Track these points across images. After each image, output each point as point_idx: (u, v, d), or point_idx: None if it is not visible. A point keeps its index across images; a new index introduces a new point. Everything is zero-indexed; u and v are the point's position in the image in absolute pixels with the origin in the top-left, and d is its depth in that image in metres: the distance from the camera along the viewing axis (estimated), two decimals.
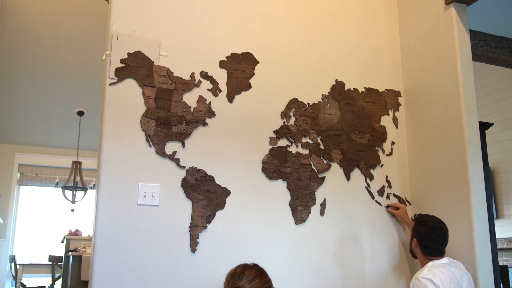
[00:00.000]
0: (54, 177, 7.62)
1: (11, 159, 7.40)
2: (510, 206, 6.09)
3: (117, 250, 2.23)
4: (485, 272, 2.46)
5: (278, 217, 2.59)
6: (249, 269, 2.00)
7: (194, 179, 2.45)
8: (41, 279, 6.92)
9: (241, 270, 1.99)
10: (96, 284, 2.17)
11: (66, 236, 5.41)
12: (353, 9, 3.11)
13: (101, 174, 2.29)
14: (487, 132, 3.18)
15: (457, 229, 2.58)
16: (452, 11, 2.76)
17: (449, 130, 2.70)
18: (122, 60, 2.42)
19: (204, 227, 2.42)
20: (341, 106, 2.90)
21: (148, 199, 2.33)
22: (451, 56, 2.73)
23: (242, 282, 1.94)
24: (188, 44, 2.59)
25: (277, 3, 2.88)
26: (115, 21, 2.46)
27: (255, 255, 2.49)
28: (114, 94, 2.39)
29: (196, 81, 2.56)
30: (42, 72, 6.31)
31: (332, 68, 2.94)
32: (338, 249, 2.70)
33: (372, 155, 2.91)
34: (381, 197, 2.88)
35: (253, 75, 2.71)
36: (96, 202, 2.27)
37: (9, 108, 6.75)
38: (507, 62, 3.41)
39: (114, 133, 2.35)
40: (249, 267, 2.02)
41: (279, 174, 2.64)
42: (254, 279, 1.96)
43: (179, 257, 2.34)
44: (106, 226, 2.24)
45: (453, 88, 2.69)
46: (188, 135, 2.48)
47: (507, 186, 6.10)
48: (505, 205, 6.14)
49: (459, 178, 2.61)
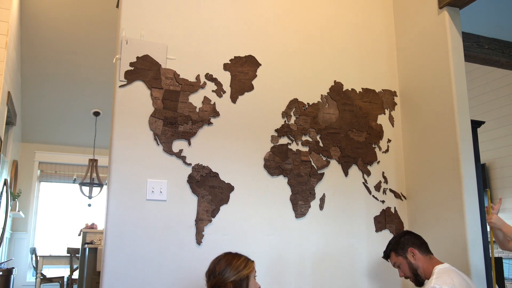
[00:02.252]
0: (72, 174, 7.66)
1: (32, 157, 7.45)
2: (504, 200, 6.04)
3: (127, 242, 2.24)
4: (477, 264, 2.45)
5: (280, 211, 2.60)
6: (219, 263, 1.93)
7: (200, 175, 2.45)
8: (60, 270, 6.96)
9: (212, 266, 1.94)
10: (107, 274, 2.19)
11: (83, 229, 5.43)
12: (351, 14, 3.10)
13: (111, 171, 2.30)
14: (482, 130, 3.16)
15: (450, 222, 2.57)
16: (445, 14, 2.74)
17: (443, 128, 2.68)
18: (131, 63, 2.44)
19: (209, 220, 2.42)
20: (339, 106, 2.89)
21: (156, 194, 2.35)
22: (444, 57, 2.71)
23: (216, 279, 1.90)
24: (193, 48, 2.60)
25: (277, 9, 2.88)
26: (124, 27, 2.47)
27: (257, 248, 2.50)
28: (124, 96, 2.40)
29: (201, 83, 2.57)
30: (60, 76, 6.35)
31: (330, 69, 2.93)
32: (336, 241, 2.69)
33: (369, 152, 2.90)
34: (377, 192, 2.87)
35: (255, 77, 2.71)
36: (107, 197, 2.28)
37: (30, 110, 6.81)
38: (499, 62, 3.38)
39: (124, 132, 2.36)
40: (218, 260, 1.95)
41: (280, 170, 2.64)
42: (226, 267, 1.89)
43: (186, 249, 2.35)
44: (117, 220, 2.25)
45: (446, 88, 2.68)
46: (193, 134, 2.49)
47: (502, 181, 6.06)
48: None
49: (452, 174, 2.59)
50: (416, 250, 2.24)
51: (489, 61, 3.36)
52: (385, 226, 2.84)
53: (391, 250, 2.31)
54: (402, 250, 2.26)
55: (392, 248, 2.30)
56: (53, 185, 7.72)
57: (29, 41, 5.82)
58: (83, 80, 6.44)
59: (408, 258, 2.24)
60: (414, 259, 2.23)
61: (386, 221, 2.85)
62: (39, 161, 7.52)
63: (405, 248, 2.25)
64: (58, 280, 6.22)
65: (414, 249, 2.24)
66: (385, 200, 2.88)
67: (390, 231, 2.85)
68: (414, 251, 2.24)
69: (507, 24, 3.41)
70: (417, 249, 2.24)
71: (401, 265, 2.27)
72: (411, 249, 2.24)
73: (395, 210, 2.89)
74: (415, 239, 2.29)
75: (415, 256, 2.23)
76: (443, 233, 2.60)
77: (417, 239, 2.29)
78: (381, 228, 2.83)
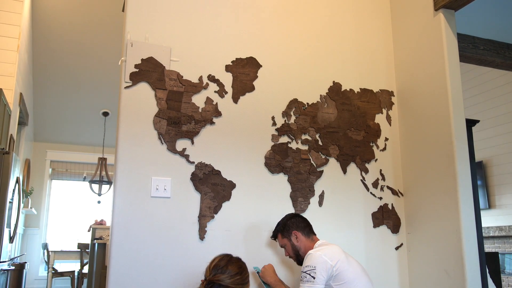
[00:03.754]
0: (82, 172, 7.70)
1: (44, 156, 7.50)
2: (501, 196, 6.02)
3: (132, 238, 2.26)
4: (471, 259, 2.44)
5: (280, 208, 2.60)
6: (232, 264, 1.93)
7: (202, 173, 2.46)
8: (71, 264, 7.01)
9: (225, 263, 1.92)
10: (113, 268, 2.20)
11: (92, 225, 5.47)
12: (349, 16, 3.09)
13: (117, 169, 2.31)
14: (479, 129, 3.16)
15: (445, 218, 2.56)
16: (440, 16, 2.73)
17: (438, 127, 2.68)
18: (136, 65, 2.45)
19: (212, 217, 2.43)
20: (338, 106, 2.89)
21: (160, 191, 2.36)
22: (440, 58, 2.70)
23: (223, 276, 1.87)
24: (196, 50, 2.61)
25: (278, 12, 2.88)
26: (129, 30, 2.48)
27: (258, 243, 2.50)
28: (129, 97, 2.41)
29: (204, 83, 2.57)
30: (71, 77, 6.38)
31: (329, 70, 2.93)
32: (335, 236, 2.69)
33: (367, 150, 2.90)
34: (375, 189, 2.87)
35: (256, 78, 2.71)
36: (114, 195, 2.29)
37: (42, 111, 6.85)
38: (494, 63, 3.37)
39: (129, 132, 2.37)
40: (233, 261, 1.95)
41: (281, 168, 2.64)
42: (235, 276, 1.89)
43: (189, 244, 2.36)
44: (122, 217, 2.27)
45: (442, 88, 2.67)
46: (196, 133, 2.50)
47: (498, 178, 6.04)
48: (496, 195, 6.07)
49: (447, 171, 2.58)
50: (300, 233, 2.30)
51: (484, 62, 3.35)
52: (383, 222, 2.84)
53: (278, 232, 2.37)
54: (287, 233, 2.32)
55: (279, 230, 2.36)
56: (64, 183, 7.76)
57: (40, 44, 5.85)
58: (92, 81, 6.47)
59: (292, 240, 2.31)
60: (297, 241, 2.30)
61: (383, 217, 2.85)
62: (50, 159, 7.57)
63: (290, 231, 2.31)
64: (69, 274, 6.26)
65: (298, 232, 2.30)
66: (382, 197, 2.88)
67: (388, 226, 2.84)
68: (298, 233, 2.30)
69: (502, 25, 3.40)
70: (300, 231, 2.31)
71: (286, 246, 2.34)
72: (295, 232, 2.30)
73: (392, 207, 2.89)
74: (300, 222, 2.34)
75: (298, 239, 2.30)
76: (439, 229, 2.60)
77: (301, 223, 2.34)
78: (378, 224, 2.83)
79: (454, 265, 2.47)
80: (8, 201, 3.65)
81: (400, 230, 2.87)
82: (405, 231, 2.88)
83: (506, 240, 5.89)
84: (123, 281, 2.20)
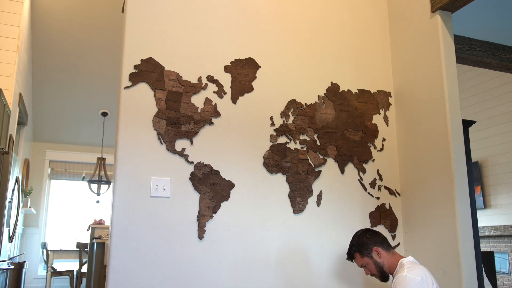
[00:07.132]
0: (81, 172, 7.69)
1: (43, 156, 7.48)
2: (496, 196, 6.04)
3: (132, 237, 2.25)
4: (467, 258, 2.44)
5: (278, 207, 2.60)
6: None
7: (202, 173, 2.46)
8: (70, 264, 6.99)
9: None
10: (113, 268, 2.19)
11: (91, 225, 5.46)
12: (347, 17, 3.09)
13: (117, 169, 2.31)
14: (475, 129, 3.16)
15: (442, 218, 2.57)
16: (437, 18, 2.73)
17: (435, 128, 2.68)
18: (135, 66, 2.44)
19: (211, 216, 2.43)
20: (336, 106, 2.89)
21: (159, 191, 2.35)
22: (437, 59, 2.70)
23: None
24: (195, 51, 2.60)
25: (276, 13, 2.88)
26: (129, 30, 2.47)
27: (256, 242, 2.50)
28: (128, 97, 2.41)
29: (203, 84, 2.57)
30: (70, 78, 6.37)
31: (327, 71, 2.93)
32: (333, 236, 2.70)
33: (364, 150, 2.90)
34: (372, 189, 2.87)
35: (255, 79, 2.71)
36: (113, 194, 2.29)
37: (41, 110, 6.83)
38: (490, 64, 3.37)
39: (129, 132, 2.37)
40: None
41: (279, 168, 2.64)
42: None
43: (188, 244, 2.36)
44: (122, 216, 2.26)
45: (438, 89, 2.67)
46: (195, 133, 2.49)
47: (494, 178, 6.05)
48: (492, 195, 6.08)
49: (444, 172, 2.59)
50: (380, 248, 2.20)
51: (481, 63, 3.35)
52: (380, 222, 2.84)
53: (355, 252, 2.24)
54: (367, 250, 2.20)
55: (356, 249, 2.24)
56: (63, 183, 7.75)
57: (39, 45, 5.84)
58: (92, 82, 6.46)
59: (374, 257, 2.19)
60: (379, 257, 2.19)
61: (381, 217, 2.85)
62: (49, 159, 7.55)
63: (369, 248, 2.20)
64: (68, 273, 6.25)
65: (378, 248, 2.20)
66: (380, 197, 2.88)
67: (385, 226, 2.85)
68: (379, 249, 2.19)
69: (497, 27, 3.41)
70: (380, 246, 2.20)
71: (368, 264, 2.21)
72: (375, 249, 2.20)
73: (389, 206, 2.89)
74: (377, 236, 2.24)
75: (380, 254, 2.19)
76: (435, 228, 2.60)
77: (378, 237, 2.24)
78: (376, 224, 2.83)
79: (450, 264, 2.47)
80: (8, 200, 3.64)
81: (397, 230, 2.87)
82: (402, 231, 2.88)
83: (501, 240, 5.90)
84: (123, 280, 2.19)
